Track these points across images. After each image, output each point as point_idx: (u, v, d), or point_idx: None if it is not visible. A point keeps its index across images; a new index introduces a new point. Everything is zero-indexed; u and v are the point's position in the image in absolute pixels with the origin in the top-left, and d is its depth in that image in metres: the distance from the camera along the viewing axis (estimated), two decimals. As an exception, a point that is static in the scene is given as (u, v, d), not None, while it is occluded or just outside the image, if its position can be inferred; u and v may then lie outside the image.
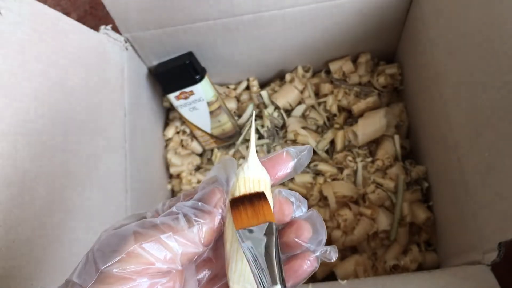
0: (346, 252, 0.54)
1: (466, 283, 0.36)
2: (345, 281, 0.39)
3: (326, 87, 0.62)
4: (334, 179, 0.57)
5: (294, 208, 0.24)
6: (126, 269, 0.19)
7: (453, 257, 0.46)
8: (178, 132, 0.66)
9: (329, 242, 0.54)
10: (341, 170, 0.57)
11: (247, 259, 0.21)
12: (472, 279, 0.37)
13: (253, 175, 0.23)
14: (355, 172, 0.56)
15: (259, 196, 0.23)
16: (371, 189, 0.54)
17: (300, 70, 0.64)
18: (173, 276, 0.22)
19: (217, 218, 0.22)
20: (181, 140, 0.66)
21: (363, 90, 0.61)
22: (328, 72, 0.64)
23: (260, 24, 0.54)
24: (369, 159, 0.57)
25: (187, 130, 0.65)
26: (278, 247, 0.22)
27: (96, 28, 0.50)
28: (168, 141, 0.66)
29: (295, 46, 0.60)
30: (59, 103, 0.41)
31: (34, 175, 0.36)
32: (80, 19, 0.54)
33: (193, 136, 0.66)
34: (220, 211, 0.22)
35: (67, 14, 0.44)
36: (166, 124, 0.67)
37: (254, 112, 0.32)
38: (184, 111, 0.62)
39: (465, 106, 0.41)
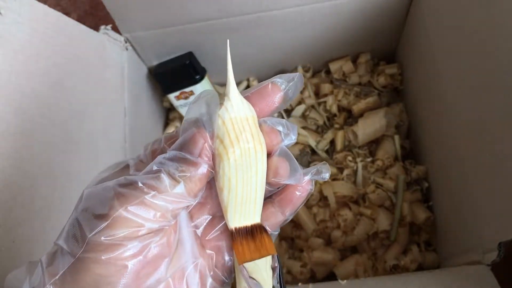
0: (346, 252, 0.54)
1: (466, 283, 0.36)
2: (345, 281, 0.39)
3: (326, 87, 0.62)
4: (334, 179, 0.57)
5: (282, 137, 0.22)
6: (114, 235, 0.19)
7: (453, 257, 0.46)
8: (178, 132, 0.66)
9: (329, 242, 0.54)
10: (341, 170, 0.57)
11: None
12: (472, 279, 0.37)
13: (239, 113, 0.21)
14: (355, 172, 0.56)
15: (259, 228, 0.22)
16: (371, 189, 0.54)
17: (300, 70, 0.64)
18: (167, 232, 0.21)
19: (204, 167, 0.20)
20: (181, 140, 0.66)
21: (363, 90, 0.61)
22: (328, 72, 0.64)
23: (260, 24, 0.54)
24: (369, 159, 0.57)
25: (187, 130, 0.65)
26: (283, 276, 0.22)
27: (96, 28, 0.50)
28: (168, 141, 0.66)
29: (295, 46, 0.60)
30: (59, 103, 0.41)
31: (34, 175, 0.36)
32: (80, 19, 0.54)
33: (193, 136, 0.65)
34: (206, 159, 0.21)
35: (67, 14, 0.44)
36: (166, 124, 0.67)
37: (228, 41, 0.25)
38: (184, 111, 0.61)
39: (465, 106, 0.41)
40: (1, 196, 0.32)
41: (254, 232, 0.22)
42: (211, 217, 0.24)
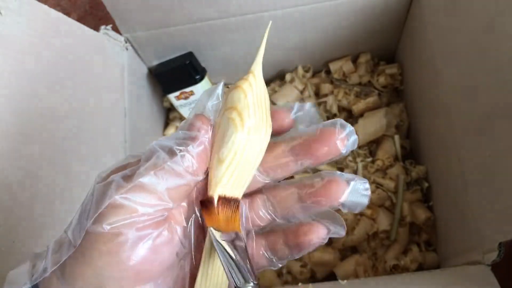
0: (346, 252, 0.54)
1: (466, 283, 0.36)
2: (345, 281, 0.39)
3: (326, 87, 0.62)
4: (334, 179, 0.57)
5: (292, 116, 0.22)
6: (112, 223, 0.18)
7: (453, 257, 0.46)
8: (178, 132, 0.66)
9: (329, 242, 0.54)
10: (341, 170, 0.57)
11: (219, 257, 0.20)
12: (472, 279, 0.37)
13: (260, 91, 0.22)
14: (355, 172, 0.56)
15: (233, 204, 0.21)
16: (371, 189, 0.54)
17: (300, 70, 0.64)
18: (171, 228, 0.21)
19: (204, 140, 0.20)
20: (181, 140, 0.66)
21: (363, 90, 0.61)
22: (328, 72, 0.64)
23: (260, 24, 0.54)
24: (369, 159, 0.57)
25: (187, 130, 0.65)
26: (247, 252, 0.21)
27: (96, 28, 0.50)
28: (168, 141, 0.66)
29: (295, 46, 0.60)
30: (59, 103, 0.41)
31: (34, 175, 0.36)
32: (80, 19, 0.54)
33: (193, 136, 0.65)
34: (206, 136, 0.20)
35: (67, 14, 0.44)
36: (166, 124, 0.67)
37: (270, 23, 0.26)
38: (185, 111, 0.62)
39: (465, 106, 0.41)
40: (1, 196, 0.32)
41: (225, 206, 0.21)
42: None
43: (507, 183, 0.34)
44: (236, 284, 0.19)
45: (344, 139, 0.21)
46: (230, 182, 0.21)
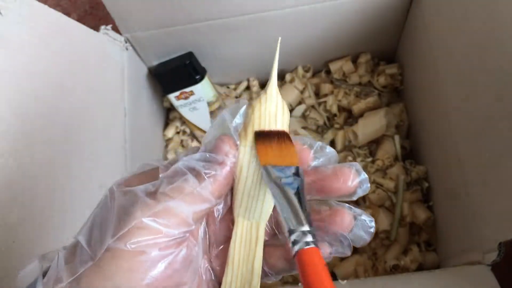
0: (346, 252, 0.54)
1: (466, 283, 0.36)
2: (345, 281, 0.39)
3: (326, 87, 0.62)
4: (334, 179, 0.57)
5: (311, 155, 0.22)
6: (135, 242, 0.19)
7: (453, 257, 0.46)
8: (178, 132, 0.66)
9: (329, 242, 0.54)
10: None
11: (274, 198, 0.20)
12: (472, 279, 0.37)
13: (269, 108, 0.22)
14: (355, 172, 0.56)
15: (285, 136, 0.21)
16: (371, 189, 0.54)
17: (300, 70, 0.64)
18: (189, 245, 0.21)
19: (231, 164, 0.21)
20: (181, 140, 0.66)
21: (363, 90, 0.61)
22: (328, 72, 0.64)
23: (260, 24, 0.54)
24: (369, 159, 0.57)
25: (187, 130, 0.65)
26: (304, 191, 0.21)
27: (96, 28, 0.50)
28: (168, 141, 0.66)
29: (295, 46, 0.60)
30: (59, 103, 0.41)
31: (34, 175, 0.36)
32: (80, 19, 0.54)
33: (193, 136, 0.66)
34: (233, 159, 0.21)
35: (67, 14, 0.44)
36: (166, 124, 0.67)
37: (280, 39, 0.27)
38: (184, 111, 0.62)
39: (465, 106, 0.41)
40: (1, 196, 0.32)
41: (279, 139, 0.21)
42: (226, 207, 0.23)
43: (507, 183, 0.34)
44: (289, 227, 0.19)
45: (357, 185, 0.21)
46: (244, 202, 0.22)
